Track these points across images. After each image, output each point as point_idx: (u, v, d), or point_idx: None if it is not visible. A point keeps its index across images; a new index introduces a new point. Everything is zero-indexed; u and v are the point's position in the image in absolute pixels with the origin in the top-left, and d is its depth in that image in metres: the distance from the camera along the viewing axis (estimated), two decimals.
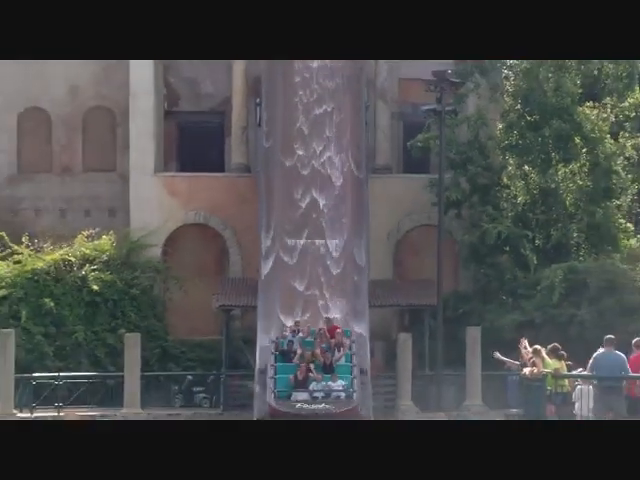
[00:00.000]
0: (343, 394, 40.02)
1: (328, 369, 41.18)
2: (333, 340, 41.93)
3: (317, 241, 47.34)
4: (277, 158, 49.49)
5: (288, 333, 42.85)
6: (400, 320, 48.41)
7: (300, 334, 42.64)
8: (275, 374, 41.33)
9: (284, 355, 42.16)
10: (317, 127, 49.88)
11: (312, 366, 41.45)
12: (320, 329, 42.64)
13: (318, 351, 41.55)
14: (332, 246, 47.70)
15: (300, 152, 49.02)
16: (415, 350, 45.60)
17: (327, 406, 39.36)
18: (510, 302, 48.45)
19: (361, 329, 45.18)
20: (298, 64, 50.49)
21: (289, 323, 43.51)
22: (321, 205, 48.31)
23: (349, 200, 48.71)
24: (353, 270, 46.96)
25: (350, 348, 41.90)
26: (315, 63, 50.60)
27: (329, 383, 40.69)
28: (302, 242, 47.69)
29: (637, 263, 49.07)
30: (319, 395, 40.20)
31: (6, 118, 56.38)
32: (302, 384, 40.61)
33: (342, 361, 41.80)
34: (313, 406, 39.41)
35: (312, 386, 40.54)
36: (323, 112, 50.00)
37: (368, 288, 48.79)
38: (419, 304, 49.96)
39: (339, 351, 41.48)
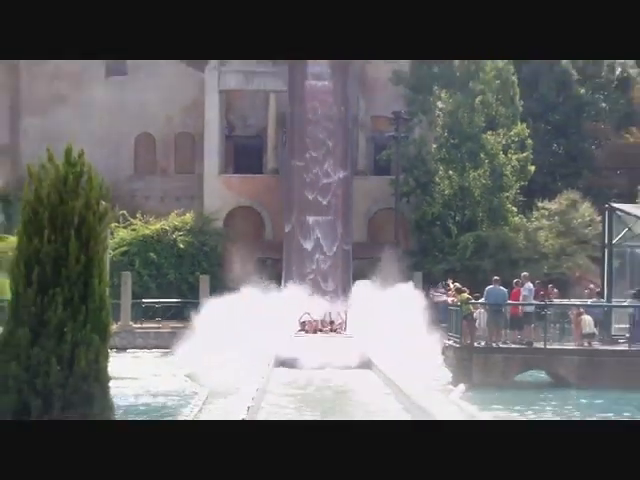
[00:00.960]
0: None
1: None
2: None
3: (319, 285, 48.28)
4: (296, 239, 49.87)
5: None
6: (372, 268, 48.00)
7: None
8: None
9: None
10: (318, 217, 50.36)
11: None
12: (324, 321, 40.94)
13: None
14: (329, 288, 48.57)
15: (308, 245, 49.72)
16: None
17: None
18: (440, 257, 47.64)
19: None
20: (309, 169, 50.21)
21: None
22: (322, 267, 49.33)
23: (339, 264, 49.39)
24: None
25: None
26: (318, 172, 50.53)
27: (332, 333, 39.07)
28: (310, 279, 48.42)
29: (519, 232, 48.47)
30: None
31: (128, 140, 55.54)
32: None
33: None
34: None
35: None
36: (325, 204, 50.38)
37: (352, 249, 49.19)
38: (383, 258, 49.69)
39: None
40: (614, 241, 34.45)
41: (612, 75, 56.47)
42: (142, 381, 29.50)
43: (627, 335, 30.62)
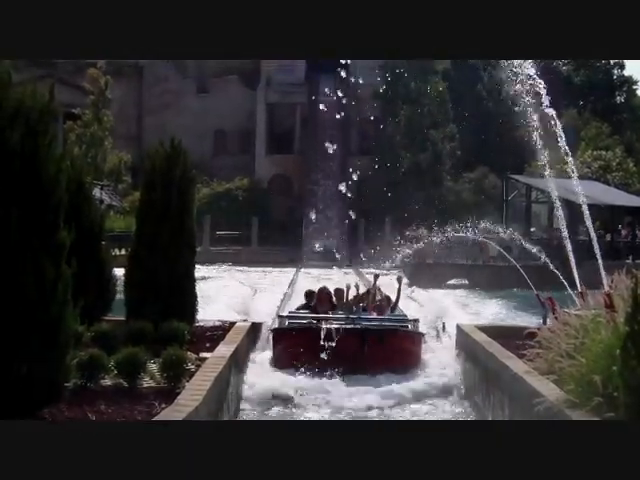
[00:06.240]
0: None
1: None
2: None
3: None
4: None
5: None
6: None
7: None
8: None
9: None
10: None
11: None
12: None
13: None
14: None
15: None
16: None
17: None
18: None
19: None
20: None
21: None
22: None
23: None
24: None
25: None
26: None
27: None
28: None
29: (450, 191, 64.92)
30: None
31: (209, 133, 68.22)
32: None
33: None
34: None
35: None
36: None
37: None
38: None
39: None
40: (509, 198, 46.67)
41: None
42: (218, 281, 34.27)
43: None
